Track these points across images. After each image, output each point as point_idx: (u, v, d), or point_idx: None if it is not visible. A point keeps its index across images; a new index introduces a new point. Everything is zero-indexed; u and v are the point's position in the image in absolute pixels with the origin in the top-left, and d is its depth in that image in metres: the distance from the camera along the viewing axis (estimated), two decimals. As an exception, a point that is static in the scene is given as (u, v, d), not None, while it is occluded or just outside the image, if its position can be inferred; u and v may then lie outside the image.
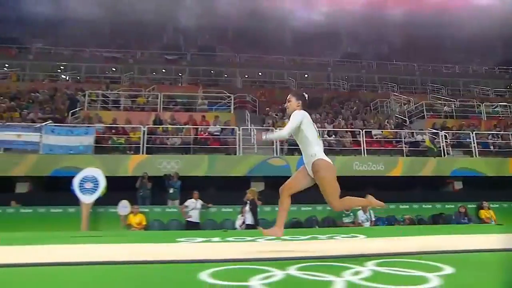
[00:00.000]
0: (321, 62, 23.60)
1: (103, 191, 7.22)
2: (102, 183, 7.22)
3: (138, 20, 23.07)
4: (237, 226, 7.20)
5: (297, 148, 11.15)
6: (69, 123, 11.77)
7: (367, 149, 11.27)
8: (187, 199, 8.81)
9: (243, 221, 7.36)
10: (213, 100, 14.66)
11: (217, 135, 11.11)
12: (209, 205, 7.68)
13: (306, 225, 7.91)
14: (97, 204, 7.78)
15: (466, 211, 7.98)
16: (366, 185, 10.87)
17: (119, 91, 15.19)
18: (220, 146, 10.67)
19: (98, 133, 10.40)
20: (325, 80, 22.53)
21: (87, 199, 7.11)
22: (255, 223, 7.59)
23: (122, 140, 10.36)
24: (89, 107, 13.18)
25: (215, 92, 16.43)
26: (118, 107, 13.84)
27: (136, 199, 8.68)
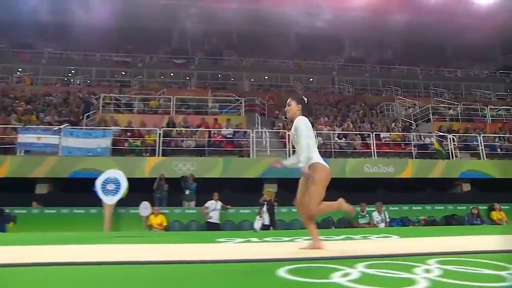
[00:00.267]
0: (326, 66, 23.69)
1: (125, 193, 7.26)
2: (124, 185, 7.26)
3: (146, 26, 23.16)
4: (256, 227, 7.23)
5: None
6: (84, 126, 11.84)
7: (377, 152, 11.33)
8: (202, 200, 8.89)
9: (262, 222, 7.39)
10: (223, 103, 14.73)
11: (230, 138, 11.16)
12: (228, 207, 7.71)
13: (322, 226, 7.92)
14: (117, 205, 7.82)
15: (479, 213, 8.00)
16: (377, 187, 10.97)
17: (132, 95, 15.26)
18: (234, 149, 10.72)
19: (115, 136, 10.46)
20: (330, 84, 22.61)
21: (110, 200, 7.15)
22: (272, 224, 7.63)
23: (138, 143, 10.41)
24: (103, 110, 13.25)
25: (225, 96, 16.52)
26: (131, 110, 13.91)
27: (153, 200, 8.74)
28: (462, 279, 1.49)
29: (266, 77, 22.79)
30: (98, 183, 7.22)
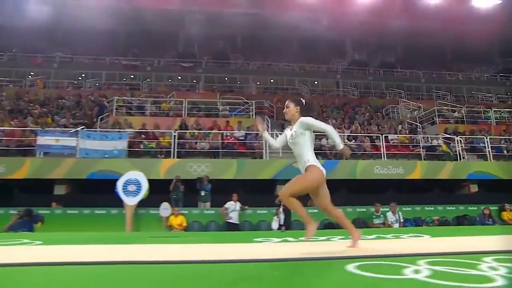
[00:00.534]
0: (330, 70, 23.78)
1: (146, 194, 7.31)
2: (145, 186, 7.31)
3: (153, 30, 23.31)
4: (274, 228, 7.28)
5: (320, 153, 11.26)
6: (98, 128, 11.92)
7: (385, 153, 11.39)
8: (217, 201, 8.94)
9: (279, 223, 7.44)
10: (233, 106, 14.81)
11: (242, 140, 11.22)
12: (245, 207, 7.75)
13: (338, 227, 7.96)
14: (137, 206, 7.86)
15: (491, 213, 8.05)
16: (387, 188, 11.01)
17: (143, 97, 15.34)
18: (246, 151, 10.77)
19: (130, 138, 10.52)
20: (335, 87, 22.70)
21: (131, 201, 7.20)
22: (288, 225, 7.67)
23: (153, 145, 10.47)
24: (116, 113, 13.33)
25: (233, 98, 16.62)
26: (143, 113, 13.98)
27: (170, 201, 8.79)
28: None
29: (272, 80, 22.88)
30: (120, 184, 7.27)
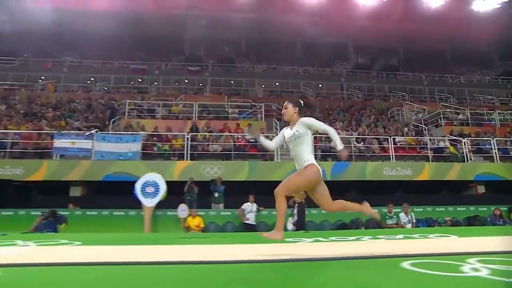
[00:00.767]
0: (334, 73, 23.86)
1: (164, 195, 7.35)
2: (163, 188, 7.34)
3: (160, 35, 23.46)
4: (289, 228, 7.31)
5: (330, 154, 11.26)
6: (110, 131, 11.98)
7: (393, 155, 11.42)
8: (230, 203, 8.98)
9: (293, 223, 7.47)
10: (242, 109, 14.87)
11: (253, 142, 11.26)
12: (261, 209, 7.78)
13: (352, 227, 8.01)
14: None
15: (501, 213, 8.06)
16: (395, 189, 11.03)
17: (154, 101, 15.41)
18: (258, 153, 10.81)
19: (143, 140, 10.58)
20: (339, 90, 22.76)
21: (149, 203, 7.23)
22: (302, 225, 7.69)
23: (167, 147, 10.52)
24: (128, 116, 13.40)
25: (240, 101, 16.68)
26: (153, 116, 14.04)
27: (184, 203, 8.82)
28: None
29: (277, 83, 22.94)
30: (138, 186, 7.31)
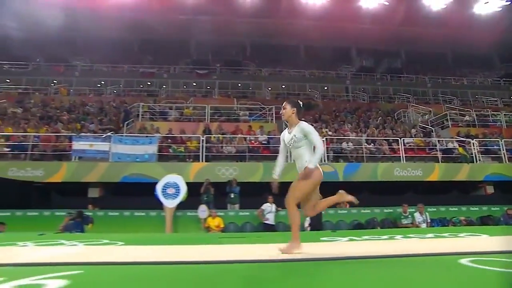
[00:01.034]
0: (340, 76, 23.90)
1: (185, 196, 7.38)
2: (183, 189, 7.38)
3: (167, 39, 23.60)
4: (305, 227, 7.35)
5: (342, 156, 11.27)
6: (125, 133, 12.04)
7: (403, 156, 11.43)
8: (245, 203, 9.00)
9: (309, 223, 7.51)
10: (252, 111, 14.92)
11: (265, 144, 11.30)
12: (279, 209, 7.81)
13: (367, 226, 8.01)
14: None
15: (515, 213, 8.05)
16: (406, 189, 11.04)
17: (165, 104, 15.48)
18: (271, 154, 10.83)
19: (159, 142, 10.62)
20: (344, 92, 22.79)
21: (170, 204, 7.27)
22: (312, 224, 7.71)
23: (182, 149, 10.57)
24: (142, 119, 13.47)
25: (249, 104, 16.74)
26: (165, 118, 14.10)
27: (201, 204, 8.85)
28: None
29: (283, 86, 22.99)
30: (159, 188, 7.35)
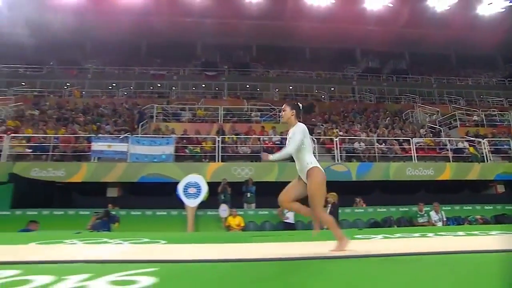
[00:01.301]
0: (346, 76, 23.88)
1: (206, 196, 7.41)
2: (204, 189, 7.41)
3: (175, 41, 23.70)
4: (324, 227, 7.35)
5: (355, 155, 11.25)
6: (139, 134, 12.10)
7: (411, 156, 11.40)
8: (261, 203, 9.01)
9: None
10: (263, 112, 14.96)
11: (279, 144, 11.30)
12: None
13: (384, 225, 8.01)
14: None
15: (530, 212, 8.03)
16: (417, 189, 11.01)
17: (178, 105, 15.56)
18: (285, 154, 10.84)
19: (175, 143, 10.66)
20: (351, 93, 22.77)
21: (192, 203, 7.31)
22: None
23: (198, 149, 10.61)
24: (156, 120, 13.53)
25: (258, 105, 16.77)
26: (178, 119, 14.16)
27: (218, 203, 8.88)
28: None
29: (291, 87, 23.00)
30: (180, 187, 7.38)
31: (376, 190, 10.49)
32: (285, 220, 7.61)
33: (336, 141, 10.63)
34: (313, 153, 9.99)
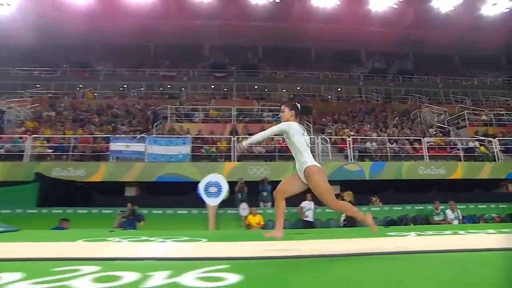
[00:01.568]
0: (352, 77, 23.83)
1: (226, 195, 7.44)
2: (225, 188, 7.44)
3: (183, 43, 23.77)
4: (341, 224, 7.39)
5: (368, 155, 11.23)
6: (154, 134, 12.15)
7: (422, 155, 11.36)
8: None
9: (344, 220, 7.55)
10: (273, 113, 14.93)
11: (292, 144, 11.30)
12: (316, 207, 7.82)
13: (400, 223, 7.99)
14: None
15: (545, 210, 7.97)
16: (428, 187, 10.97)
17: (190, 106, 15.60)
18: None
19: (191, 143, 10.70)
20: (357, 93, 22.71)
21: (213, 202, 7.34)
22: (350, 222, 7.72)
23: (214, 149, 10.65)
24: (170, 120, 13.59)
25: (267, 105, 16.76)
26: (191, 120, 14.19)
27: (235, 202, 8.91)
28: None
29: (299, 88, 22.99)
30: (201, 187, 7.41)
31: (390, 189, 10.47)
32: (305, 219, 7.61)
33: (349, 141, 10.61)
34: (326, 153, 9.92)
